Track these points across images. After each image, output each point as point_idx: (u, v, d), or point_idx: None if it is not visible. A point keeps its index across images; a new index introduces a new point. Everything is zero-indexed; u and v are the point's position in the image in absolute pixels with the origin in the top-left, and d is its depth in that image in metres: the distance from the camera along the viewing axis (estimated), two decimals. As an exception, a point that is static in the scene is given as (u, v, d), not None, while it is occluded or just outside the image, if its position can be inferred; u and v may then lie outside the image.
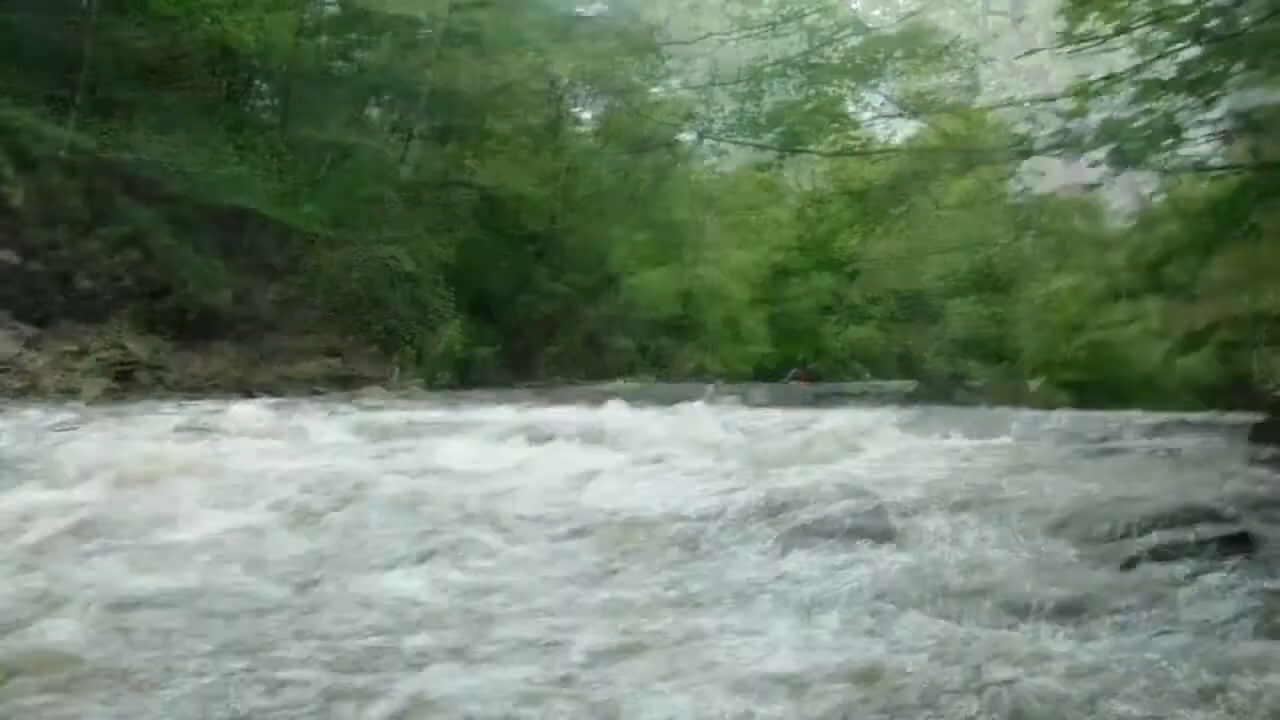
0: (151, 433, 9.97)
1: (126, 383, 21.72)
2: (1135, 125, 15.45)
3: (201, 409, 12.94)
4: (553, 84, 27.65)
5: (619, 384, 31.30)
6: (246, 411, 11.93)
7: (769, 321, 60.60)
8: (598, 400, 14.83)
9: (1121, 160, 15.79)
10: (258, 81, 34.50)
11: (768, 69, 16.02)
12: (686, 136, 39.62)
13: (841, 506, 5.32)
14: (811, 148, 16.65)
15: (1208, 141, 18.01)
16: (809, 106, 15.94)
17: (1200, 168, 17.71)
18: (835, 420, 12.01)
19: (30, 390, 14.05)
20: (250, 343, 26.63)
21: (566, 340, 44.40)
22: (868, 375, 51.08)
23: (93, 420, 11.11)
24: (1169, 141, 16.05)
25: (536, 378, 37.84)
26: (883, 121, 18.88)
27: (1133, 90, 16.01)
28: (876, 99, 16.97)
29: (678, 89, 37.04)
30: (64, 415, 11.46)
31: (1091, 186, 20.17)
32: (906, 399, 12.64)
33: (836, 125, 16.32)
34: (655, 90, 36.82)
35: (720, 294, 58.88)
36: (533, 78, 24.74)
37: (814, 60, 16.20)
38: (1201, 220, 19.03)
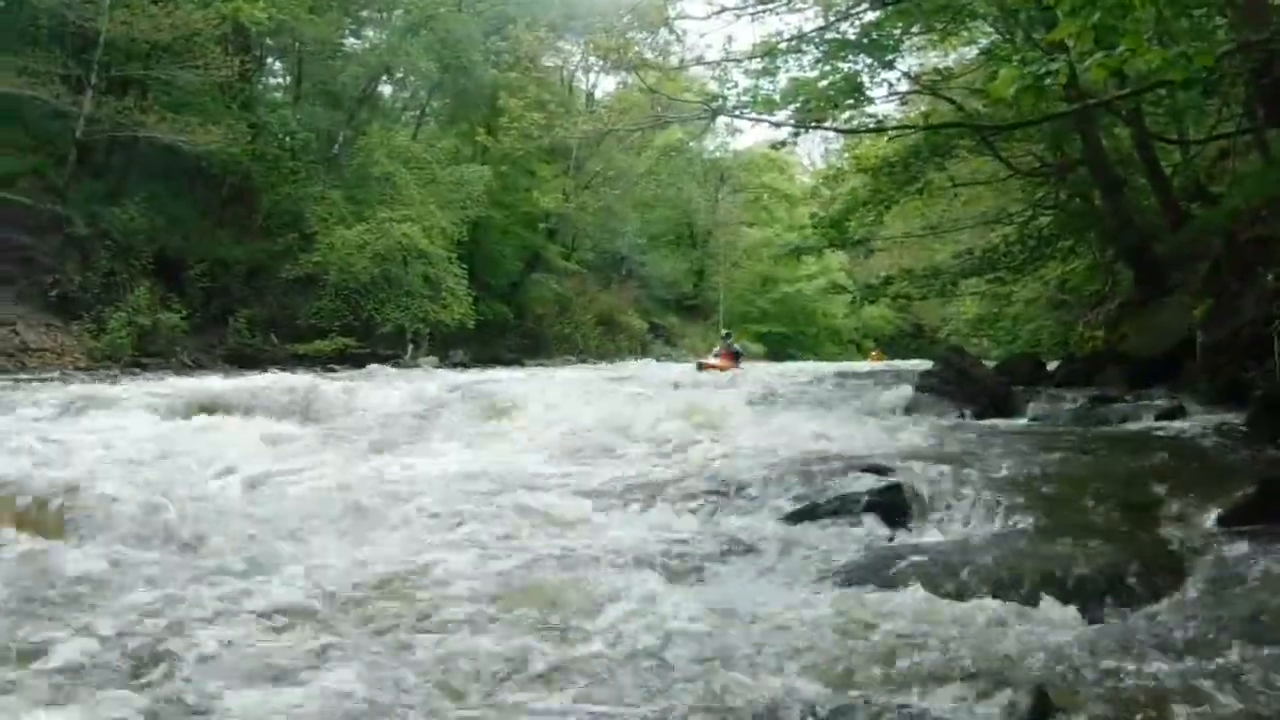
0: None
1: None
2: (821, 85, 15.56)
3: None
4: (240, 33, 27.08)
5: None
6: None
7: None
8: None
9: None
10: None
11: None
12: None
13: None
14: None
15: (887, 101, 18.22)
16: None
17: (879, 128, 17.81)
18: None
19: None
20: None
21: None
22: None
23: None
24: (851, 101, 16.16)
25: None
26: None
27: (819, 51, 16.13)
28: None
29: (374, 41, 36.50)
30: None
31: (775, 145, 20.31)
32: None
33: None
34: (349, 42, 36.12)
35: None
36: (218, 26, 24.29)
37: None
38: (880, 178, 19.26)
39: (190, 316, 24.11)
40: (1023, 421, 10.13)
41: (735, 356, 24.48)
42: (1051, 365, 15.76)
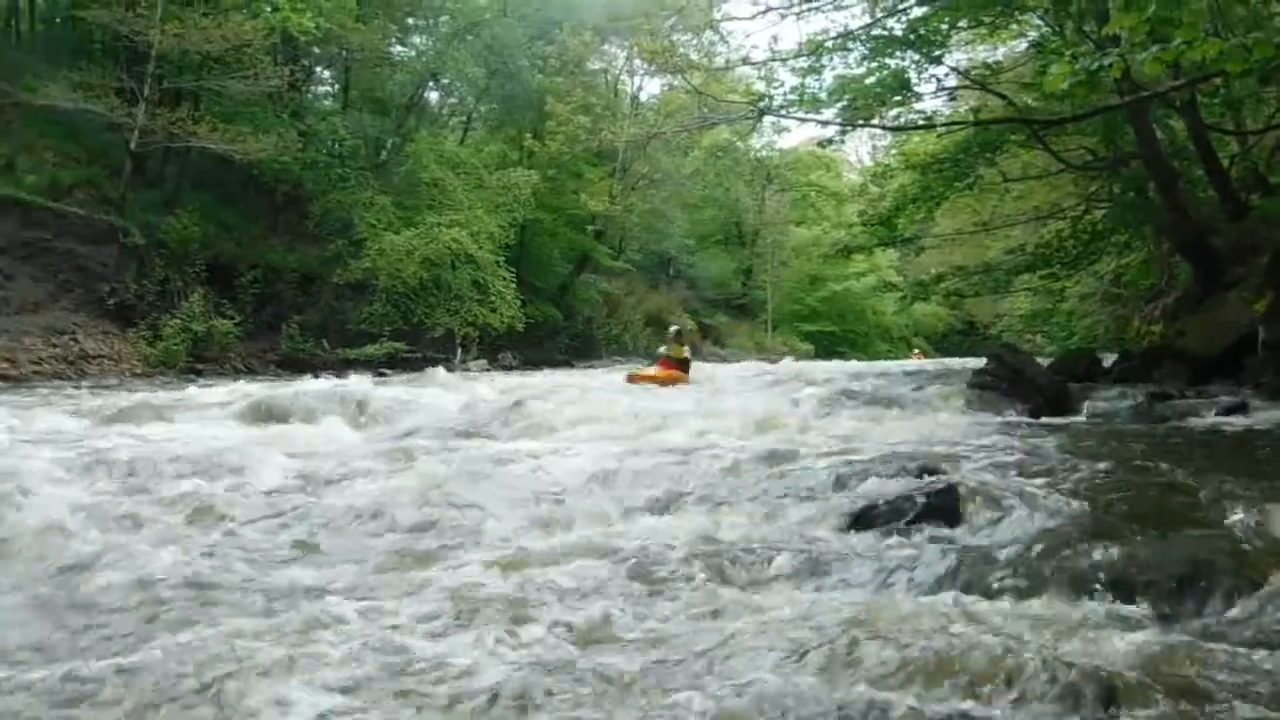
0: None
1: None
2: (868, 82, 15.34)
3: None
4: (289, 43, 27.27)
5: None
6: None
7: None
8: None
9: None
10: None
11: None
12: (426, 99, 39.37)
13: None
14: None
15: (936, 97, 17.87)
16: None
17: (927, 124, 17.51)
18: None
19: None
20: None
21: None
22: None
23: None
24: (899, 98, 15.92)
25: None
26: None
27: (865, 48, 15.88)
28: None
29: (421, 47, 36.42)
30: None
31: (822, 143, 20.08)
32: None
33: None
34: (396, 50, 36.10)
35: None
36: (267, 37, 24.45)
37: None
38: (929, 174, 18.94)
39: (243, 323, 24.38)
40: (1080, 419, 10.01)
41: (684, 364, 18.09)
42: (1108, 361, 15.52)
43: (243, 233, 27.64)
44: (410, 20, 36.62)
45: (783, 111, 16.37)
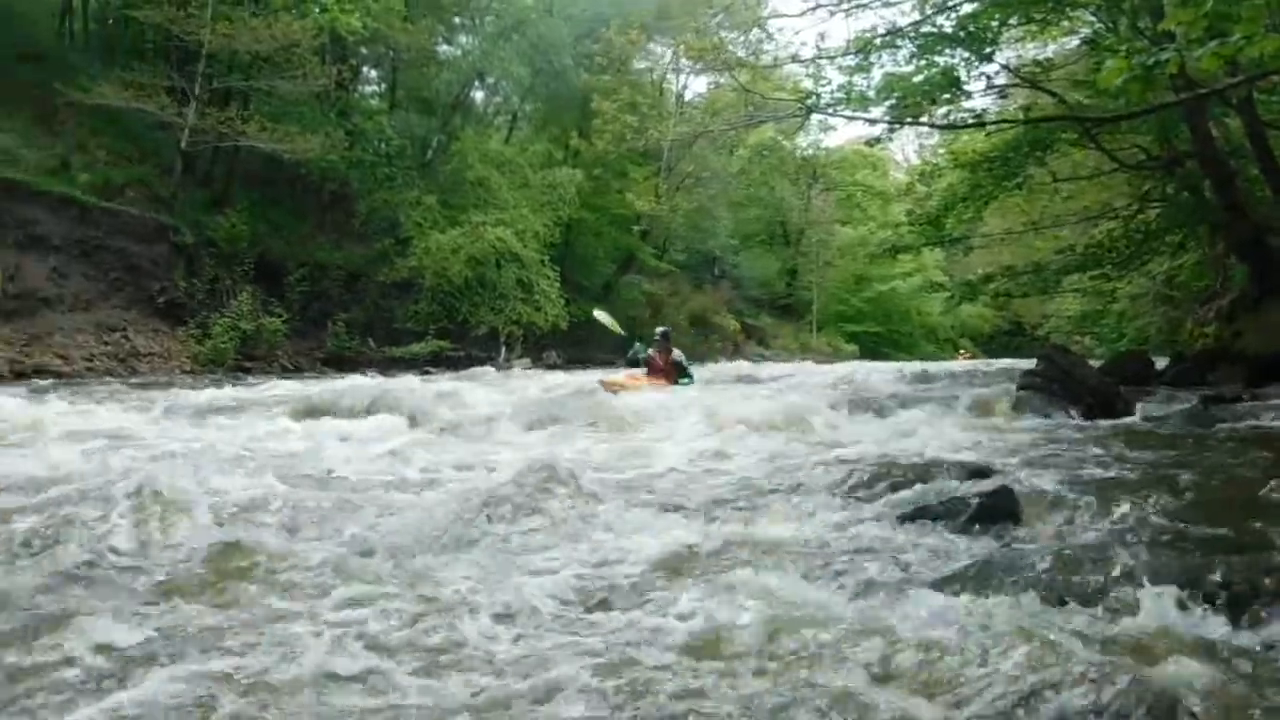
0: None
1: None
2: (916, 80, 15.04)
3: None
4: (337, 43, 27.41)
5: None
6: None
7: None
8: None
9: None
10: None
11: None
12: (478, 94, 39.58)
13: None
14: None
15: (985, 95, 17.49)
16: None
17: (977, 123, 17.15)
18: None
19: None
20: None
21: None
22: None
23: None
24: (948, 96, 15.60)
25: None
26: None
27: (914, 46, 15.59)
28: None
29: (467, 47, 36.43)
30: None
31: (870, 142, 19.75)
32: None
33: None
34: (442, 49, 36.27)
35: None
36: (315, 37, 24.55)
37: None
38: (978, 173, 18.57)
39: (290, 321, 24.58)
40: (1133, 421, 9.82)
41: (673, 369, 15.62)
42: (1160, 364, 15.27)
43: (290, 232, 27.90)
44: (456, 20, 36.82)
45: (830, 110, 16.25)
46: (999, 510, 4.78)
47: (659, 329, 16.83)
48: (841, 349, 54.64)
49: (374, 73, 37.52)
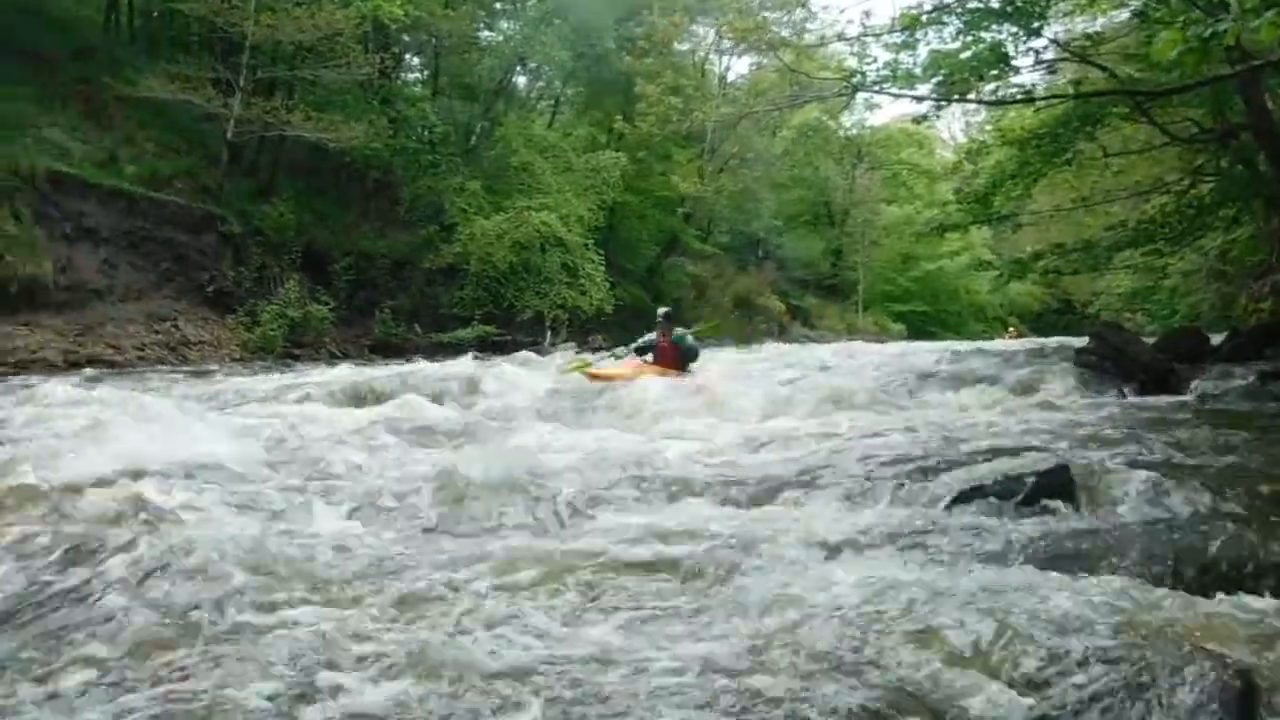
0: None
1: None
2: (963, 56, 14.71)
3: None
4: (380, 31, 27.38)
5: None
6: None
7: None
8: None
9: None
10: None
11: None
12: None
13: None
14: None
15: (1034, 71, 17.04)
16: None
17: (1026, 98, 16.75)
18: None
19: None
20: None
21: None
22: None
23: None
24: (996, 72, 15.24)
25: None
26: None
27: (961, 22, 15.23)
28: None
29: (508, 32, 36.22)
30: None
31: (917, 120, 19.32)
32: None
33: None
34: (484, 35, 36.10)
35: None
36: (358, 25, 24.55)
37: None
38: (1027, 150, 18.14)
39: (337, 308, 24.71)
40: (1188, 399, 9.67)
41: (675, 354, 14.20)
42: (1215, 339, 15.00)
43: (336, 220, 28.07)
44: (498, 5, 36.81)
45: (876, 88, 16.07)
46: (1055, 488, 4.72)
47: (661, 310, 15.46)
48: (888, 329, 54.26)
49: (416, 60, 37.59)
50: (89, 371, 15.58)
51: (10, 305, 17.29)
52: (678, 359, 14.08)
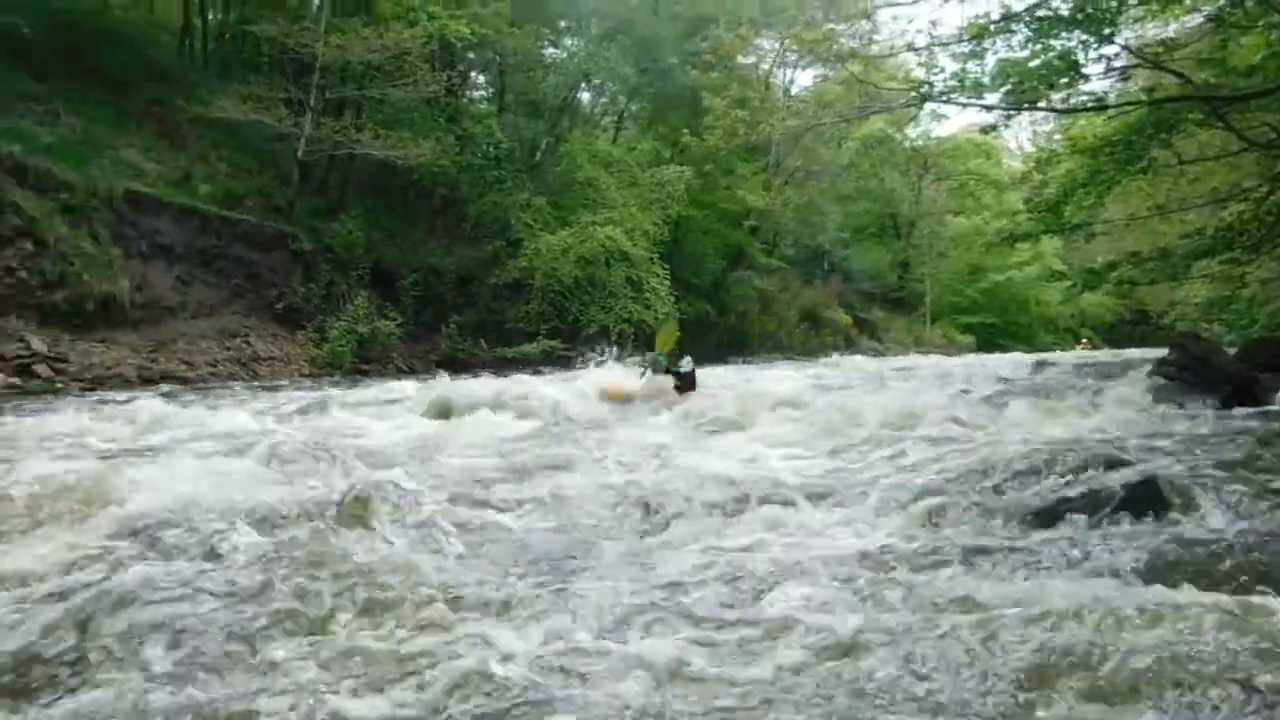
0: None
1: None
2: (1032, 64, 14.34)
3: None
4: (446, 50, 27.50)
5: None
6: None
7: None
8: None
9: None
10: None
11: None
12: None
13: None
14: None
15: (1105, 78, 16.52)
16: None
17: (1098, 106, 16.25)
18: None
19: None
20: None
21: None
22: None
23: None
24: (1066, 80, 14.80)
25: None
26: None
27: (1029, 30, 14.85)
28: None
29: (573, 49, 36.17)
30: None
31: (985, 129, 18.87)
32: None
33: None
34: (549, 52, 36.24)
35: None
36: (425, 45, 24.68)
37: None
38: (1099, 158, 17.59)
39: (404, 324, 24.93)
40: (1274, 409, 9.40)
41: (677, 375, 13.14)
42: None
43: (403, 237, 28.36)
44: (562, 23, 37.02)
45: (944, 98, 15.90)
46: (1145, 502, 4.59)
47: (647, 354, 14.69)
48: (957, 341, 53.65)
49: (482, 78, 37.95)
50: (164, 387, 15.83)
51: (87, 323, 17.63)
52: (684, 381, 13.13)
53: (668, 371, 13.22)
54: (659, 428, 9.46)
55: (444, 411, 10.67)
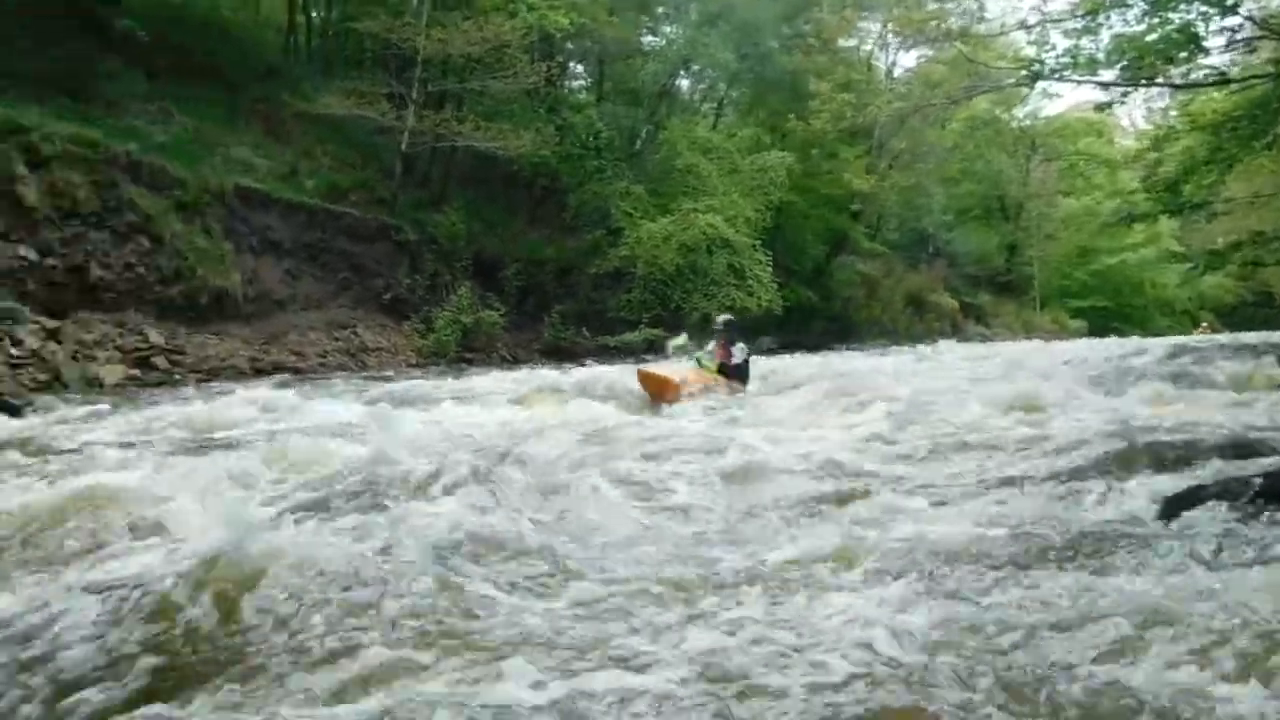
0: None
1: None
2: (1150, 39, 13.55)
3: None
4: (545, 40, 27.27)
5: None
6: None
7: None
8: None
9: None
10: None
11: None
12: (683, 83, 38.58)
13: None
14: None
15: (1227, 51, 15.51)
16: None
17: (1220, 80, 15.28)
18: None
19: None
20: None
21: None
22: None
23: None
24: (1185, 54, 13.94)
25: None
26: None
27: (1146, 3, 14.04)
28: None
29: (672, 36, 35.63)
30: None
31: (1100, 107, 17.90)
32: None
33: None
34: (647, 40, 35.89)
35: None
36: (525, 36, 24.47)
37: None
38: (1220, 134, 16.56)
39: (507, 313, 25.10)
40: None
41: (733, 368, 12.38)
42: None
43: (505, 227, 28.57)
44: (660, 10, 36.90)
45: (1056, 75, 15.44)
46: (1287, 490, 4.30)
47: (720, 316, 13.52)
48: (1067, 326, 52.33)
49: (581, 67, 38.02)
50: (277, 378, 16.13)
51: (201, 316, 18.03)
52: (736, 373, 12.39)
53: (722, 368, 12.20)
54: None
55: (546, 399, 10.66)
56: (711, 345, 12.67)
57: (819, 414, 9.23)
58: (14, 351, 13.38)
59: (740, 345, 12.62)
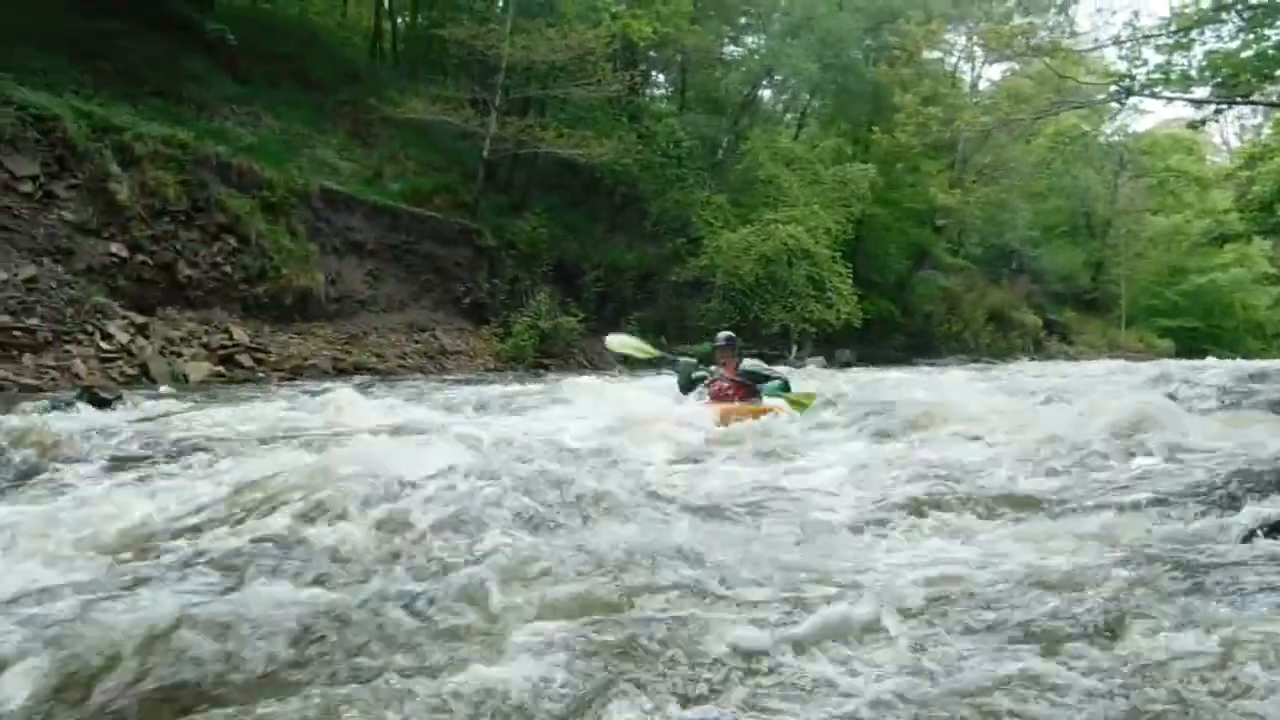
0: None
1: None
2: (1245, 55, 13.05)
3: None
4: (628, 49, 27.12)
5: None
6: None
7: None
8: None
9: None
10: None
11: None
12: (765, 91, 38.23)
13: None
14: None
15: None
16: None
17: None
18: None
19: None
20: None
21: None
22: None
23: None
24: None
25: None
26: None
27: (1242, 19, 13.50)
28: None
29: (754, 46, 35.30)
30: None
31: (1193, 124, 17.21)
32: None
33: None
34: (729, 50, 35.45)
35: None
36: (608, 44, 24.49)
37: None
38: None
39: (586, 320, 25.20)
40: None
41: (744, 387, 10.43)
42: None
43: (585, 233, 28.71)
44: (743, 20, 36.91)
45: (1148, 92, 15.14)
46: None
47: (720, 334, 11.46)
48: (1154, 345, 51.19)
49: (663, 76, 38.22)
50: (357, 378, 16.37)
51: (285, 315, 18.38)
52: (744, 391, 10.48)
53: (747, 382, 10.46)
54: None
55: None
56: (714, 368, 10.94)
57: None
58: (104, 346, 13.78)
59: (751, 360, 10.88)
